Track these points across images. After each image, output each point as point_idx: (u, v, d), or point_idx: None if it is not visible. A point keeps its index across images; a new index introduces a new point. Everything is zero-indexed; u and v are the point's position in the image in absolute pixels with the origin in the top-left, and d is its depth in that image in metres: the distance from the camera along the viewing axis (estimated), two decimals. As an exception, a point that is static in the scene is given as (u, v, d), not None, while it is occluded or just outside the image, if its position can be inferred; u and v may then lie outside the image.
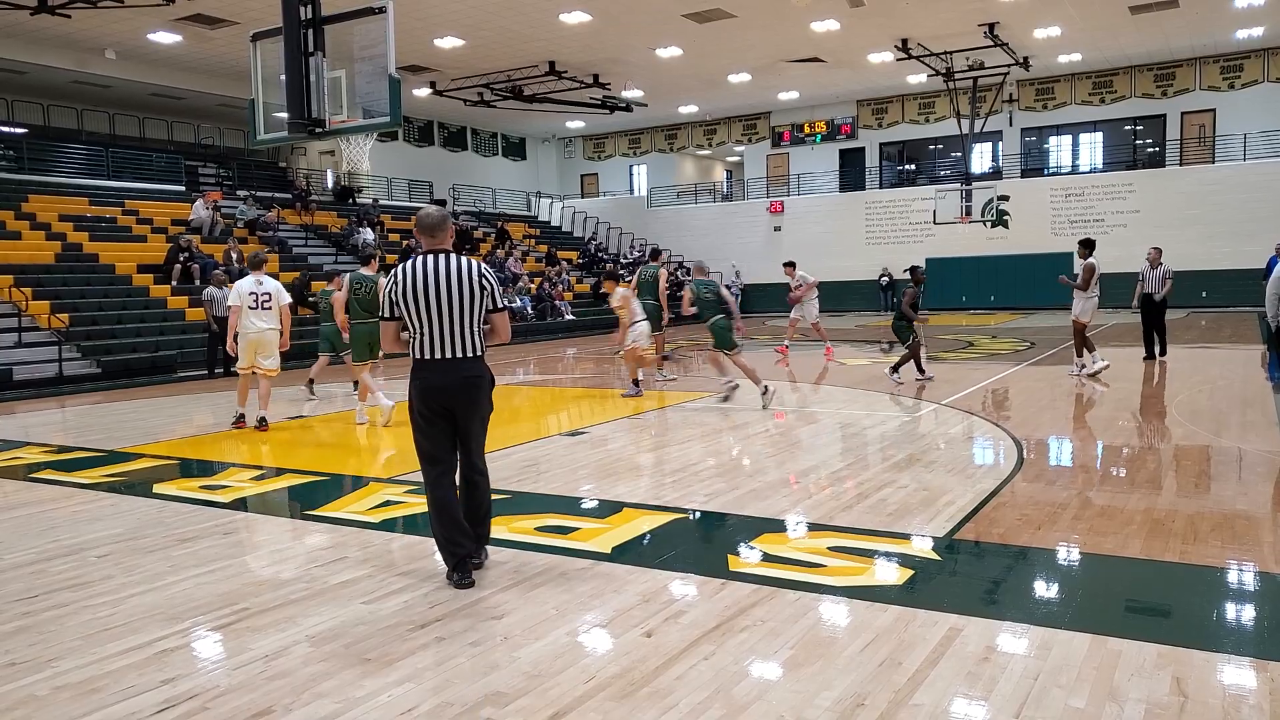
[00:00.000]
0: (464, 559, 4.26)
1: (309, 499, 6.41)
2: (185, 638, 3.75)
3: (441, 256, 4.29)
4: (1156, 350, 13.22)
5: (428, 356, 4.27)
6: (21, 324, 14.79)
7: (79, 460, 7.95)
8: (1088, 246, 11.75)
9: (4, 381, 13.43)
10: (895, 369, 11.31)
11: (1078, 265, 12.07)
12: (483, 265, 4.39)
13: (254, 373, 9.28)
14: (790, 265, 16.00)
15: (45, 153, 23.10)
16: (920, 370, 11.39)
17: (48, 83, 23.17)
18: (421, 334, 4.26)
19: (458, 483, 4.42)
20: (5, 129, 23.79)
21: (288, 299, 9.39)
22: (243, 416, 9.47)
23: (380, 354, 9.61)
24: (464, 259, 4.34)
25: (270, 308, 9.13)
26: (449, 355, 4.25)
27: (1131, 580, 4.27)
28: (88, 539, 5.31)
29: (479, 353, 4.33)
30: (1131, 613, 3.90)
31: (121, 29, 19.87)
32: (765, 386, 9.59)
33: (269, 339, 9.17)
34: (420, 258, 4.30)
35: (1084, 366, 11.65)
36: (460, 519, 4.30)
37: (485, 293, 4.32)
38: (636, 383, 10.84)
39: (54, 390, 13.57)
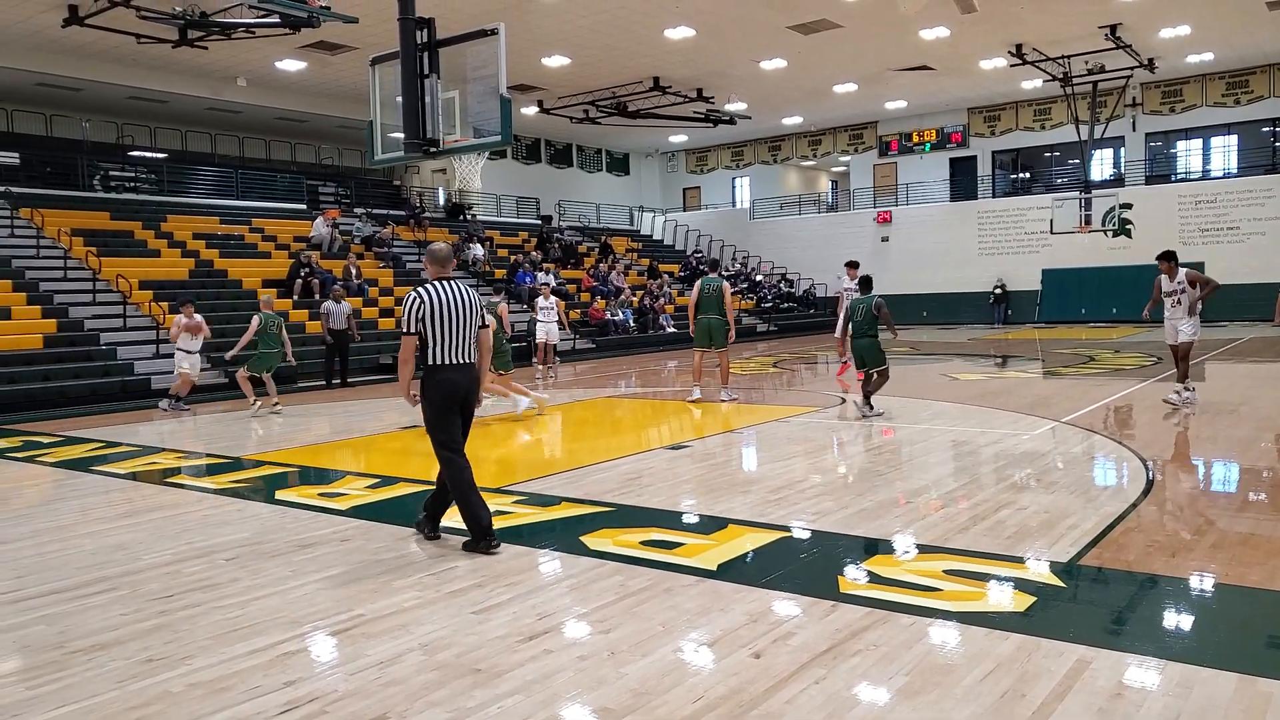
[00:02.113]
0: (489, 527, 5.09)
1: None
2: (306, 641, 3.89)
3: (451, 282, 5.20)
4: None
5: (447, 362, 5.09)
6: (159, 336, 15.77)
7: (209, 466, 8.39)
8: (1175, 259, 9.88)
9: (143, 390, 14.36)
10: (868, 399, 9.82)
11: (1173, 281, 9.78)
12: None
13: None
14: (853, 265, 13.90)
15: (182, 175, 24.75)
16: (869, 404, 9.83)
17: (185, 110, 24.82)
18: (439, 344, 5.07)
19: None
20: (148, 154, 25.58)
21: None
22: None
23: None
24: (464, 285, 5.23)
25: None
26: (462, 360, 5.14)
27: (1281, 616, 3.96)
28: (217, 542, 5.59)
29: (476, 359, 5.25)
30: (1282, 652, 3.61)
31: (252, 57, 21.09)
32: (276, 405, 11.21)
33: None
34: (435, 283, 5.16)
35: (1193, 390, 10.00)
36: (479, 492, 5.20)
37: (481, 312, 5.25)
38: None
39: (187, 399, 14.38)
